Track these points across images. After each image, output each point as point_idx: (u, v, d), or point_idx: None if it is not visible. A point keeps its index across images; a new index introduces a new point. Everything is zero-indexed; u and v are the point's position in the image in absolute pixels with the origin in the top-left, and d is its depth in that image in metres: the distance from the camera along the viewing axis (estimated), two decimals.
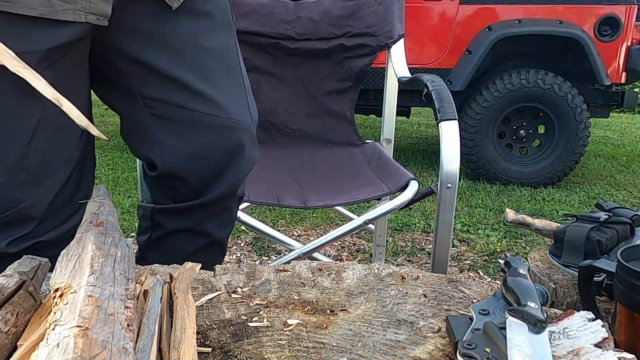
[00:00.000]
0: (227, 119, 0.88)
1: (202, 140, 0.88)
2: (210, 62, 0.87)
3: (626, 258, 0.61)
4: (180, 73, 0.85)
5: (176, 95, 0.86)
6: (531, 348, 0.49)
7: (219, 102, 0.87)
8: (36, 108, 0.74)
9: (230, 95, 0.90)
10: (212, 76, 0.87)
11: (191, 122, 0.87)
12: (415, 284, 0.68)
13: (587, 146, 3.61)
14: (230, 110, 0.89)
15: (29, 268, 0.50)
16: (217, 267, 0.71)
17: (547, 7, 3.53)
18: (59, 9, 0.69)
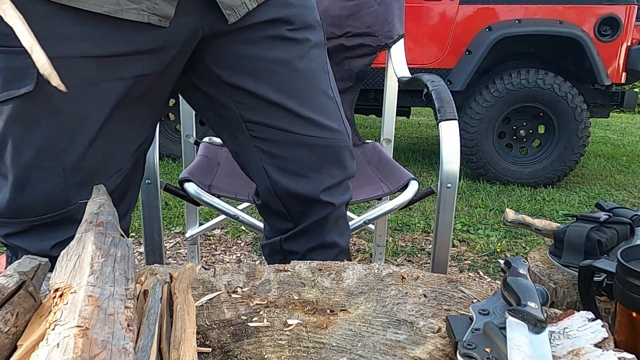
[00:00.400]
0: (326, 138, 0.90)
1: (305, 161, 0.90)
2: (306, 84, 0.89)
3: (626, 258, 0.61)
4: (279, 98, 0.87)
5: (276, 119, 0.88)
6: (531, 348, 0.49)
7: (317, 123, 0.89)
8: (100, 114, 0.76)
9: (327, 114, 0.91)
10: (308, 98, 0.89)
11: (293, 144, 0.89)
12: (415, 284, 0.68)
13: (587, 146, 3.62)
14: (328, 129, 0.90)
15: (29, 268, 0.50)
16: (217, 267, 0.71)
17: (547, 7, 3.54)
18: (124, 7, 0.70)
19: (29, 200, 0.76)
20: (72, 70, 0.71)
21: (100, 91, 0.74)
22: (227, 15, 0.79)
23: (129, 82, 0.76)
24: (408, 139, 5.73)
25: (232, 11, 0.79)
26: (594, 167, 4.40)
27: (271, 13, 0.84)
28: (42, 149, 0.74)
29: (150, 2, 0.72)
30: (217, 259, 2.26)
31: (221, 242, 2.43)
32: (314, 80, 0.90)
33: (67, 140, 0.75)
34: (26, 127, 0.73)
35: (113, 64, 0.74)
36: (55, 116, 0.73)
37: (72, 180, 0.76)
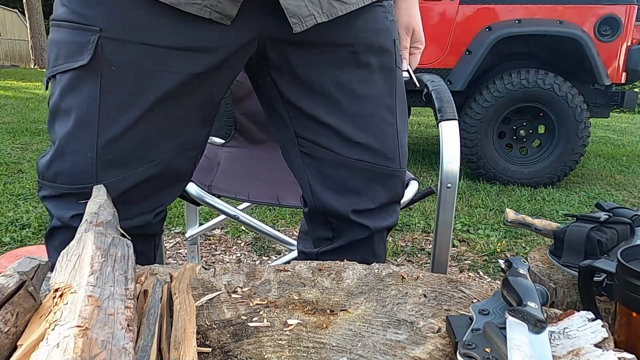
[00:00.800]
0: (374, 164, 0.89)
1: (347, 181, 0.90)
2: (362, 109, 0.88)
3: (626, 258, 0.61)
4: (331, 120, 0.87)
5: (326, 139, 0.88)
6: (531, 348, 0.49)
7: (368, 148, 0.89)
8: (145, 102, 0.77)
9: (382, 141, 0.90)
10: (363, 123, 0.88)
11: (339, 165, 0.89)
12: (415, 284, 0.68)
13: (587, 146, 3.62)
14: (380, 156, 0.90)
15: (29, 268, 0.50)
16: (217, 267, 0.71)
17: (547, 7, 3.54)
18: (188, 1, 0.72)
19: (63, 168, 0.79)
20: (130, 55, 0.74)
21: (151, 80, 0.76)
22: (292, 24, 0.76)
23: (180, 76, 0.77)
24: (408, 139, 5.73)
25: (298, 20, 0.76)
26: (594, 167, 4.40)
27: (337, 32, 0.83)
28: (83, 122, 0.76)
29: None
30: (217, 259, 2.26)
31: (221, 242, 2.43)
32: (372, 105, 0.88)
33: (109, 118, 0.76)
34: (76, 98, 0.76)
35: (169, 56, 0.75)
36: (102, 94, 0.75)
37: (103, 159, 0.78)
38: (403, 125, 0.94)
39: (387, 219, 0.94)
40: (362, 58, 0.86)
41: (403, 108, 0.94)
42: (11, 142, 4.32)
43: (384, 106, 0.90)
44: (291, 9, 0.76)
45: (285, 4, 0.75)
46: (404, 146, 0.93)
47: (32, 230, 2.34)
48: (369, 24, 0.85)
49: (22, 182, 3.12)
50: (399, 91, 0.92)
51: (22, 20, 20.31)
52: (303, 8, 0.76)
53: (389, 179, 0.91)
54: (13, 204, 2.72)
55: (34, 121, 5.50)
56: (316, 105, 0.87)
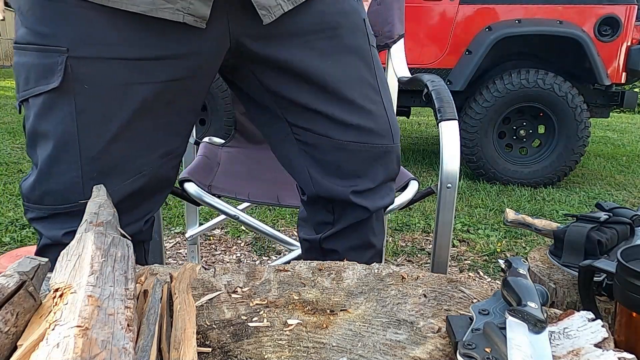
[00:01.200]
0: (368, 144, 0.90)
1: (344, 165, 0.91)
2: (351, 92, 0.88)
3: (626, 258, 0.61)
4: (320, 105, 0.87)
5: (319, 126, 0.89)
6: (531, 348, 0.49)
7: (361, 128, 0.89)
8: (124, 115, 0.76)
9: (373, 120, 0.91)
10: (354, 105, 0.88)
11: (335, 149, 0.90)
12: (415, 284, 0.68)
13: (587, 146, 3.62)
14: (373, 134, 0.90)
15: (29, 268, 0.50)
16: (217, 267, 0.71)
17: (547, 7, 3.54)
18: (159, 6, 0.70)
19: (49, 189, 0.78)
20: (101, 72, 0.73)
21: (126, 93, 0.75)
22: (262, 16, 0.76)
23: (157, 86, 0.76)
24: (408, 139, 5.73)
25: (267, 11, 0.77)
26: (594, 167, 4.40)
27: (308, 18, 0.83)
28: (64, 143, 0.76)
29: (186, 1, 0.71)
30: (217, 259, 2.26)
31: (221, 242, 2.43)
32: (358, 86, 0.89)
33: (88, 136, 0.76)
34: (52, 120, 0.75)
35: (143, 68, 0.74)
36: (78, 113, 0.74)
37: (89, 176, 0.77)
38: (389, 101, 0.95)
39: (384, 197, 0.95)
40: (337, 41, 0.86)
41: (384, 84, 0.95)
42: (11, 142, 4.32)
43: (368, 85, 0.91)
44: (259, 1, 0.76)
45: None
46: (394, 121, 0.95)
47: (32, 230, 2.34)
48: (337, 6, 0.86)
49: None
50: (377, 68, 0.93)
51: None
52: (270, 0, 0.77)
53: (384, 156, 0.92)
54: (13, 204, 2.72)
55: None
56: (304, 92, 0.87)
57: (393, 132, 0.94)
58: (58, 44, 0.71)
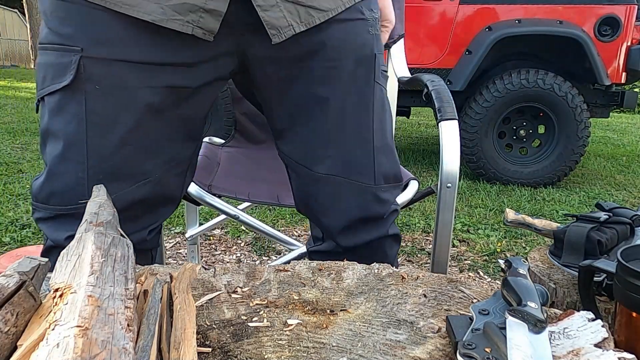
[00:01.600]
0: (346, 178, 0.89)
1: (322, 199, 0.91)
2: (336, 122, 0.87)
3: (626, 258, 0.61)
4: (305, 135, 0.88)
5: (297, 154, 0.90)
6: (531, 348, 0.49)
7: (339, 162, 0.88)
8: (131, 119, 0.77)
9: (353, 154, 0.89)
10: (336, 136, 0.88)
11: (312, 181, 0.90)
12: (415, 284, 0.68)
13: (587, 146, 3.62)
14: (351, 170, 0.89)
15: (29, 268, 0.50)
16: (217, 267, 0.71)
17: (547, 7, 3.54)
18: (170, 17, 0.72)
19: (55, 189, 0.79)
20: (111, 73, 0.74)
21: (134, 96, 0.76)
22: (271, 35, 0.77)
23: (163, 92, 0.77)
24: (408, 139, 5.74)
25: (277, 31, 0.77)
26: (594, 167, 4.40)
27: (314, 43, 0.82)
28: (72, 142, 0.77)
29: (196, 15, 0.72)
30: (217, 259, 2.26)
31: (221, 242, 2.43)
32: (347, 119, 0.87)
33: (96, 137, 0.77)
34: (63, 119, 0.77)
35: (150, 72, 0.76)
36: (88, 113, 0.76)
37: (95, 178, 0.78)
38: (382, 142, 0.92)
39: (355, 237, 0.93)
40: (338, 70, 0.85)
41: (383, 124, 0.92)
42: (11, 142, 4.32)
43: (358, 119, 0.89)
44: (270, 21, 0.76)
45: (265, 16, 0.75)
46: (381, 163, 0.91)
47: (32, 230, 2.34)
48: (347, 36, 0.85)
49: (22, 182, 3.12)
50: (377, 106, 0.90)
51: (22, 20, 20.30)
52: (282, 19, 0.76)
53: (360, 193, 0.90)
54: (13, 204, 2.72)
55: (34, 121, 5.49)
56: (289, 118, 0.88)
57: (376, 173, 0.91)
58: (74, 44, 0.73)
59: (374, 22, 0.88)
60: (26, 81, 11.07)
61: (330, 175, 0.89)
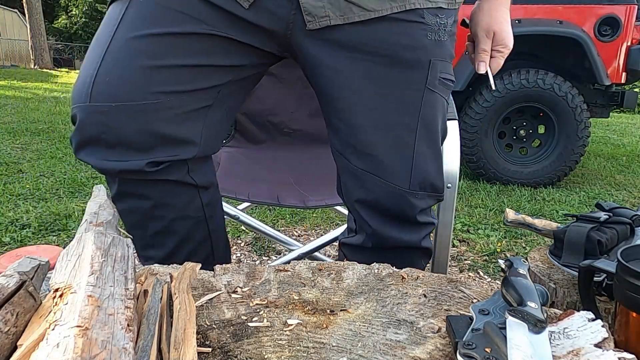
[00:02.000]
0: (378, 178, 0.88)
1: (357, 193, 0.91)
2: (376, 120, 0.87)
3: (626, 258, 0.61)
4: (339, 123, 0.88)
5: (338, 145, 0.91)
6: (531, 348, 0.49)
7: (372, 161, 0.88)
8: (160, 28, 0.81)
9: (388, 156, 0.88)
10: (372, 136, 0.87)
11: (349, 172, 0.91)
12: (415, 284, 0.68)
13: (587, 146, 3.61)
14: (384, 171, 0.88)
15: (29, 268, 0.50)
16: (217, 267, 0.71)
17: (547, 7, 3.53)
18: None
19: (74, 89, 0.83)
20: None
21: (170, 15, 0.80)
22: (306, 21, 0.80)
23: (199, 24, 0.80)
24: None
25: (312, 18, 0.80)
26: (594, 167, 4.40)
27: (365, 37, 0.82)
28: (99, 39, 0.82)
29: None
30: None
31: None
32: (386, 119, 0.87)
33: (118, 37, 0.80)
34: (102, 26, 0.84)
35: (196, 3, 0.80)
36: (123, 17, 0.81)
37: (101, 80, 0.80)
38: (426, 148, 0.90)
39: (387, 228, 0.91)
40: (387, 70, 0.84)
41: (431, 132, 0.90)
42: (11, 142, 4.32)
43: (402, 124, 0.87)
44: (308, 8, 0.79)
45: (304, 2, 0.79)
46: (420, 170, 0.89)
47: (32, 230, 2.34)
48: (399, 38, 0.84)
49: (22, 182, 3.12)
50: (425, 112, 0.88)
51: (22, 20, 20.30)
52: (320, 9, 0.79)
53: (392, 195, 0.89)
54: (13, 204, 2.72)
55: (34, 121, 5.49)
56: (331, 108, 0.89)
57: (412, 179, 0.89)
58: None
59: (437, 27, 0.86)
60: (26, 81, 11.06)
61: (366, 172, 0.89)
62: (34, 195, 2.85)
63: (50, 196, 2.86)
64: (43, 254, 1.68)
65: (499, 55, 0.96)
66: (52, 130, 4.97)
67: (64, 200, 2.79)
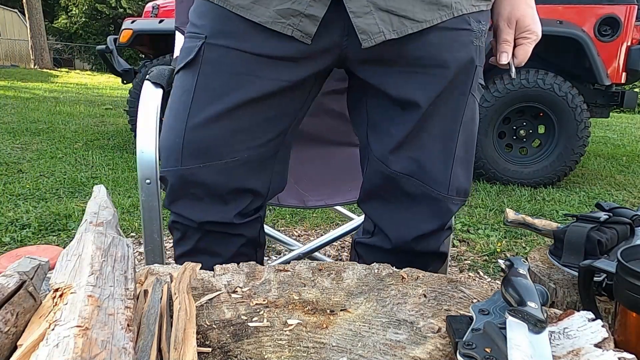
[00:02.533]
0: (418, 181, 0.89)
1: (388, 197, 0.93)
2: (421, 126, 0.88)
3: (626, 258, 0.61)
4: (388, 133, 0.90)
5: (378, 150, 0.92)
6: (531, 348, 0.49)
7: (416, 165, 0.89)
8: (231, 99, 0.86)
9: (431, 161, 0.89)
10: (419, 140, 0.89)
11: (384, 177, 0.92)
12: (415, 284, 0.68)
13: (587, 146, 3.61)
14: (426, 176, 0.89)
15: (29, 268, 0.50)
16: (217, 267, 0.71)
17: (547, 7, 3.53)
18: (274, 20, 0.82)
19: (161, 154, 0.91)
20: (225, 58, 0.85)
21: (241, 82, 0.85)
22: (361, 40, 0.81)
23: (265, 82, 0.85)
24: None
25: (367, 36, 0.80)
26: (594, 167, 4.40)
27: (414, 49, 0.84)
28: (179, 110, 0.88)
29: (297, 19, 0.81)
30: None
31: None
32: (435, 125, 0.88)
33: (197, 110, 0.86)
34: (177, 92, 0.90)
35: (259, 63, 0.84)
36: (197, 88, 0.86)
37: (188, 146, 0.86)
38: (464, 154, 0.92)
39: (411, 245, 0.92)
40: (433, 76, 0.86)
41: (469, 137, 0.92)
42: (11, 142, 4.32)
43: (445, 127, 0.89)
44: (361, 26, 0.80)
45: (357, 21, 0.80)
46: (457, 175, 0.91)
47: (32, 230, 2.34)
48: (447, 44, 0.85)
49: (22, 182, 3.12)
50: (467, 117, 0.90)
51: (22, 20, 20.29)
52: (373, 26, 0.80)
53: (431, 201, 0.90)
54: (13, 204, 2.72)
55: (34, 121, 5.50)
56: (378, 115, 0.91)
57: (451, 184, 0.91)
58: (201, 32, 0.86)
59: (480, 33, 0.88)
60: (26, 81, 11.06)
61: (404, 175, 0.89)
62: (34, 195, 2.85)
63: (50, 196, 2.86)
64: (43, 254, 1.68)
65: (526, 42, 0.93)
66: (52, 130, 4.97)
67: (64, 200, 2.80)
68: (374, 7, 0.79)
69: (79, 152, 4.01)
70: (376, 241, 0.96)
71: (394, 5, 0.80)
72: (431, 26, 0.83)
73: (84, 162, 3.69)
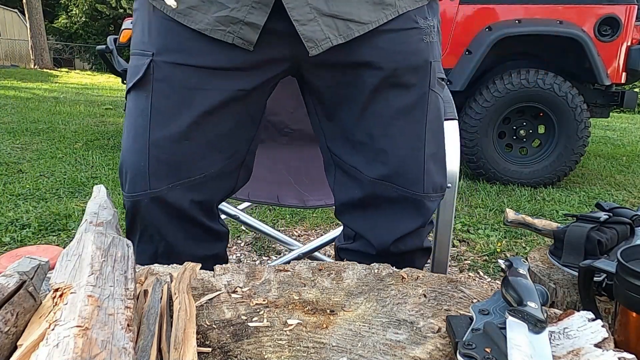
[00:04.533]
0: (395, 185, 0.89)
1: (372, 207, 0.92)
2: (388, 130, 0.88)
3: (626, 258, 0.61)
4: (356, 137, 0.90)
5: (352, 159, 0.91)
6: (531, 348, 0.49)
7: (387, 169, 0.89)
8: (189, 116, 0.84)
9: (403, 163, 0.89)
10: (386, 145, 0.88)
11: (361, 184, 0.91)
12: (415, 284, 0.68)
13: (587, 146, 3.61)
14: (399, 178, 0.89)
15: (29, 268, 0.50)
16: (217, 267, 0.71)
17: (547, 7, 3.53)
18: (214, 27, 0.80)
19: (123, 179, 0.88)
20: (175, 75, 0.83)
21: (193, 96, 0.84)
22: (308, 48, 0.80)
23: (220, 93, 0.84)
24: None
25: (314, 44, 0.80)
26: (594, 167, 4.40)
27: (361, 53, 0.83)
28: (138, 132, 0.86)
29: (237, 26, 0.79)
30: None
31: None
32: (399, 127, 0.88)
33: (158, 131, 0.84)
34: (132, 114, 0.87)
35: (209, 75, 0.83)
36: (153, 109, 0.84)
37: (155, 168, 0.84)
38: (435, 149, 0.92)
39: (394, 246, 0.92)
40: (388, 79, 0.86)
41: (435, 132, 0.92)
42: (11, 142, 4.32)
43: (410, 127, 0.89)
44: (306, 34, 0.79)
45: (301, 29, 0.79)
46: (430, 172, 0.91)
47: (32, 230, 2.34)
48: (396, 45, 0.85)
49: (22, 182, 3.12)
50: (430, 114, 0.90)
51: (22, 20, 20.29)
52: (318, 32, 0.79)
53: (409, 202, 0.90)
54: (13, 204, 2.72)
55: (34, 121, 5.50)
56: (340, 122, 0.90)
57: (425, 182, 0.90)
58: (148, 50, 0.84)
59: (429, 30, 0.89)
60: (26, 81, 11.06)
61: (380, 181, 0.89)
62: (34, 195, 2.85)
63: (50, 196, 2.86)
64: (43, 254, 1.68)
65: None
66: (52, 130, 4.97)
67: (64, 200, 2.80)
68: (317, 13, 0.78)
69: (79, 152, 4.01)
70: (359, 246, 0.96)
71: (338, 9, 0.79)
72: (381, 30, 0.82)
73: (84, 162, 3.69)
